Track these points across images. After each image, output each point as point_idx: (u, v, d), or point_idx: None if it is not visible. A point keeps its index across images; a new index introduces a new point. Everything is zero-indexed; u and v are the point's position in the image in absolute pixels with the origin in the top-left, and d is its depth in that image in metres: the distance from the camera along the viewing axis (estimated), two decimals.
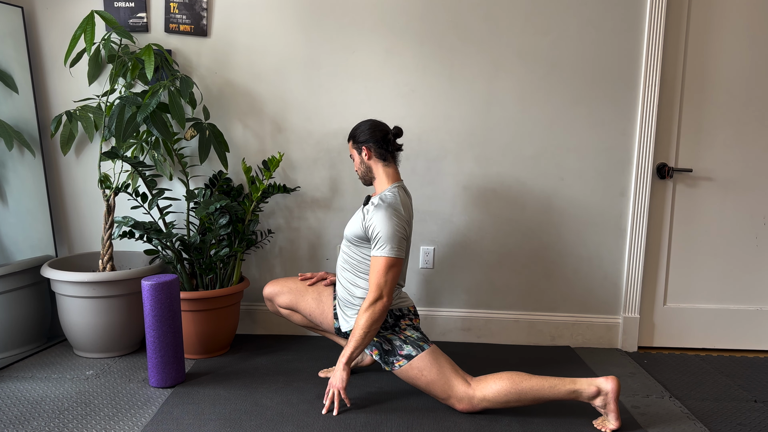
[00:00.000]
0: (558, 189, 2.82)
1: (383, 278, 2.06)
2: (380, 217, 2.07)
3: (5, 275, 2.55)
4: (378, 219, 2.08)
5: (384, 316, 2.08)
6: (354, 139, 2.25)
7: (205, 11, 2.73)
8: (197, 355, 2.63)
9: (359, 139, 2.22)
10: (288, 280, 2.44)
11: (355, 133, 2.24)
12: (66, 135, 2.71)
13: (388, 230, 2.06)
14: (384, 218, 2.07)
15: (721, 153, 2.81)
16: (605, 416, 2.04)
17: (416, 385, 2.12)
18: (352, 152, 2.28)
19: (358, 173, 2.30)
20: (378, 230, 2.07)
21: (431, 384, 2.08)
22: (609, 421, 2.02)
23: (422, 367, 2.08)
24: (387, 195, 2.16)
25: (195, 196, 2.65)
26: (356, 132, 2.24)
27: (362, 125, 2.24)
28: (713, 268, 2.89)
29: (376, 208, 2.11)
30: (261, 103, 2.81)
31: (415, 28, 2.72)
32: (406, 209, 2.15)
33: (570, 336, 2.91)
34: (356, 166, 2.29)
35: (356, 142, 2.24)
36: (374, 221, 2.09)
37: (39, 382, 2.34)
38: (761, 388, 2.45)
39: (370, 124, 2.24)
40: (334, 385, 2.10)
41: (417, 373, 2.08)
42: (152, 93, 2.38)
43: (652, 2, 2.65)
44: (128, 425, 2.00)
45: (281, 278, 2.56)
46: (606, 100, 2.75)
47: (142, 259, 2.84)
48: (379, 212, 2.08)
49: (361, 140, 2.22)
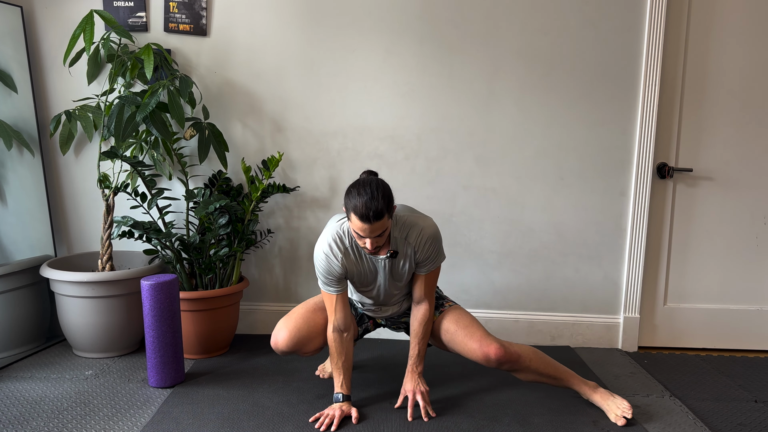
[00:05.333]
0: (558, 189, 2.82)
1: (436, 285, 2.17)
2: (426, 237, 2.03)
3: (4, 275, 2.55)
4: (424, 240, 2.03)
5: None
6: (388, 209, 1.85)
7: (205, 11, 2.73)
8: (196, 355, 2.63)
9: (391, 205, 1.88)
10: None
11: (388, 203, 1.85)
12: (65, 135, 2.71)
13: (438, 241, 2.08)
14: (430, 236, 2.04)
15: (721, 153, 2.80)
16: (608, 407, 2.12)
17: (453, 333, 2.12)
18: (387, 224, 1.88)
19: (372, 249, 1.90)
20: (431, 251, 2.05)
21: (469, 326, 2.10)
22: (616, 408, 2.10)
23: (460, 312, 2.17)
24: (406, 220, 2.04)
25: (194, 195, 2.65)
26: (388, 201, 1.85)
27: (382, 191, 1.84)
28: (713, 268, 2.89)
29: (417, 234, 2.02)
30: (260, 102, 2.80)
31: (414, 28, 2.72)
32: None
33: (570, 336, 2.91)
34: (382, 239, 1.90)
35: (390, 210, 1.88)
36: (423, 246, 2.04)
37: (38, 382, 2.34)
38: (761, 388, 2.45)
39: (382, 186, 1.87)
40: (421, 390, 2.13)
41: (457, 317, 2.14)
42: (151, 92, 2.37)
43: (652, 2, 2.64)
44: (127, 425, 1.99)
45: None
46: (606, 99, 2.75)
47: (142, 258, 2.84)
48: (424, 236, 2.03)
49: (393, 201, 1.90)
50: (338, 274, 2.02)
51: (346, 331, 2.10)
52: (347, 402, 2.10)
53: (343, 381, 2.10)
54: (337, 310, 2.07)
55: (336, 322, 2.08)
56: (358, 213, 1.81)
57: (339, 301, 2.07)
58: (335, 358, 2.10)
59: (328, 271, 2.01)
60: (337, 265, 2.00)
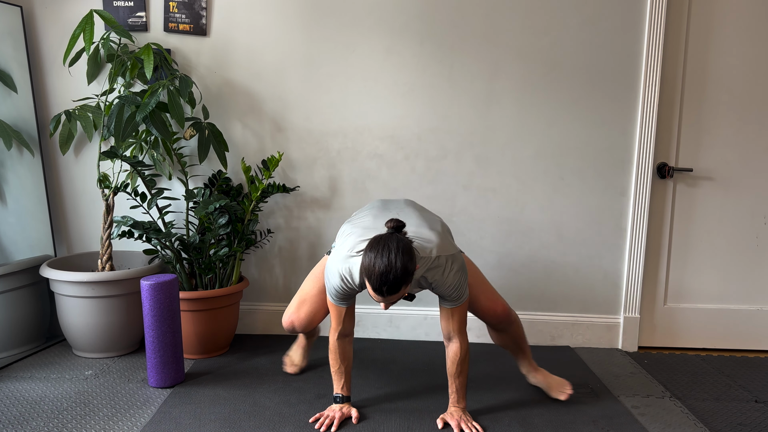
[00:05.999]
0: (558, 189, 2.82)
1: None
2: (448, 285, 1.94)
3: (4, 275, 2.55)
4: (447, 285, 1.93)
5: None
6: (405, 281, 1.72)
7: (205, 10, 2.73)
8: (196, 355, 2.63)
9: (410, 274, 1.73)
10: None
11: (406, 273, 1.71)
12: (65, 134, 2.70)
13: (461, 286, 1.96)
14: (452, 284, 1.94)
15: (721, 152, 2.80)
16: (548, 384, 2.28)
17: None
18: (404, 292, 1.78)
19: (386, 308, 1.82)
20: (451, 292, 1.95)
21: (483, 282, 2.18)
22: (557, 385, 2.26)
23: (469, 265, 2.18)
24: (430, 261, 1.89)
25: (194, 195, 2.65)
26: (406, 271, 1.71)
27: (401, 259, 1.69)
28: (713, 268, 2.89)
29: (440, 278, 1.91)
30: (260, 102, 2.80)
31: (414, 28, 2.72)
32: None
33: (570, 336, 2.91)
34: (398, 298, 1.79)
35: (408, 279, 1.74)
36: (443, 287, 1.93)
37: (38, 382, 2.33)
38: (761, 388, 2.45)
39: (402, 251, 1.71)
40: (464, 417, 2.04)
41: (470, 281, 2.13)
42: (151, 92, 2.37)
43: (652, 2, 2.64)
44: (127, 425, 1.99)
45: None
46: (606, 99, 2.74)
47: (141, 258, 2.84)
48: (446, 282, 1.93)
49: (414, 264, 1.75)
50: (350, 294, 1.98)
51: (349, 335, 2.10)
52: (347, 403, 2.10)
53: (344, 383, 2.10)
54: (345, 320, 2.05)
55: (341, 330, 2.06)
56: (372, 283, 1.71)
57: (347, 312, 2.04)
58: (337, 363, 2.09)
59: (341, 291, 1.96)
60: (352, 287, 1.94)
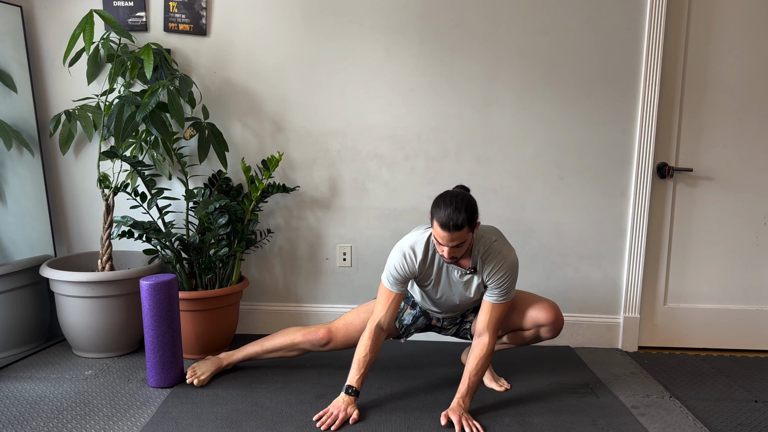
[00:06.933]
0: (558, 189, 2.82)
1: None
2: (505, 268, 2.03)
3: (4, 275, 2.55)
4: (503, 269, 2.03)
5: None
6: (469, 223, 1.89)
7: (205, 10, 2.73)
8: (196, 355, 2.62)
9: (473, 220, 1.92)
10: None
11: (470, 217, 1.89)
12: (65, 134, 2.71)
13: (514, 275, 2.05)
14: (509, 267, 2.04)
15: (721, 152, 2.80)
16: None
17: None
18: (467, 237, 1.91)
19: (449, 257, 1.95)
20: (504, 281, 2.04)
21: (530, 296, 2.25)
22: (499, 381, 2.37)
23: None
24: (492, 244, 2.05)
25: (194, 195, 2.65)
26: (471, 216, 1.89)
27: (466, 205, 1.89)
28: (713, 268, 2.89)
29: (498, 261, 2.03)
30: (260, 102, 2.80)
31: (415, 27, 2.72)
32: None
33: (570, 336, 2.91)
34: (460, 250, 1.94)
35: (472, 224, 1.92)
36: (498, 273, 2.03)
37: (38, 382, 2.33)
38: (761, 388, 2.45)
39: (467, 200, 1.92)
40: (466, 416, 2.04)
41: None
42: (151, 92, 2.37)
43: (652, 2, 2.64)
44: (127, 425, 1.99)
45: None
46: (606, 99, 2.74)
47: (141, 258, 2.84)
48: (504, 265, 2.03)
49: (476, 217, 1.93)
50: (407, 275, 2.06)
51: (386, 330, 2.12)
52: (354, 401, 2.09)
53: (361, 376, 2.10)
54: (389, 308, 2.10)
55: (382, 319, 2.10)
56: (440, 221, 1.88)
57: (394, 300, 2.10)
58: (365, 351, 2.09)
59: (399, 270, 2.05)
60: (412, 266, 2.05)
